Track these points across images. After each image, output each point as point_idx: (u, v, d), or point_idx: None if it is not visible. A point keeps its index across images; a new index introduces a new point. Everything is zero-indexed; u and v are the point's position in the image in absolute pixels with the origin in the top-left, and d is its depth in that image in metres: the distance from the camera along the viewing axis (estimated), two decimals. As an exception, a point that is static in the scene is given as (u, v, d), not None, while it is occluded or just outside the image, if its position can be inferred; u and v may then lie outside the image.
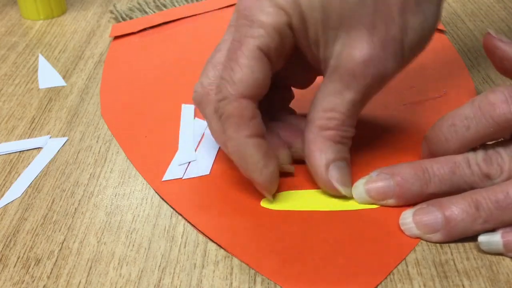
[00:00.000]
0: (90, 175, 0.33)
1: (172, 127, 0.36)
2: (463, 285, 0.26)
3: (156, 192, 0.32)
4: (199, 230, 0.29)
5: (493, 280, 0.26)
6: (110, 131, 0.37)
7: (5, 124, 0.38)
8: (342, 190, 0.29)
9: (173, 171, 0.33)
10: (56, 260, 0.28)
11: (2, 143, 0.36)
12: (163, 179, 0.32)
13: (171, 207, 0.30)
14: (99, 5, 0.55)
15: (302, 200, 0.30)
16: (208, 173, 0.32)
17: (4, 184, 0.33)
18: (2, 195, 0.32)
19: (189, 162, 0.33)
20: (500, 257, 0.27)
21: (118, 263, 0.27)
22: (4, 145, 0.36)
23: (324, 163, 0.29)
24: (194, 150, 0.34)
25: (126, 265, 0.27)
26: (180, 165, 0.33)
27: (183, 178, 0.32)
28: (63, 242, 0.29)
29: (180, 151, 0.34)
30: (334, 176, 0.29)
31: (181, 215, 0.30)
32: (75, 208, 0.31)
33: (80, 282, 0.26)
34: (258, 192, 0.30)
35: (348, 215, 0.29)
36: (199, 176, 0.32)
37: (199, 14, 0.52)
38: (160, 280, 0.26)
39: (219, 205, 0.30)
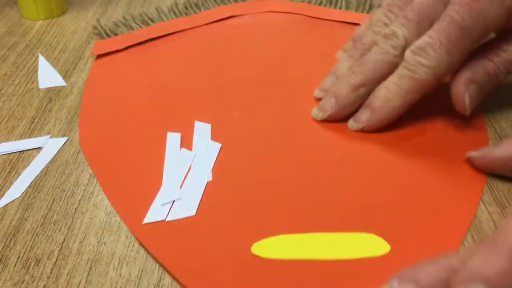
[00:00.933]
0: (90, 175, 0.33)
1: (156, 158, 0.33)
2: (463, 285, 0.26)
3: (136, 238, 0.29)
4: (183, 285, 0.26)
5: (493, 280, 0.26)
6: (88, 163, 0.34)
7: (5, 124, 0.38)
8: (468, 107, 0.33)
9: (155, 212, 0.30)
10: (56, 260, 0.28)
11: (2, 143, 0.36)
12: (144, 222, 0.29)
13: (152, 256, 0.28)
14: (99, 5, 0.55)
15: (298, 246, 0.27)
16: (194, 214, 0.29)
17: (4, 184, 0.33)
18: (2, 195, 0.32)
19: (173, 201, 0.30)
20: (500, 257, 0.27)
21: (118, 263, 0.27)
22: (4, 145, 0.36)
23: (465, 77, 0.32)
24: (179, 187, 0.31)
25: (126, 265, 0.27)
26: (163, 204, 0.30)
27: (166, 220, 0.29)
28: (63, 242, 0.29)
29: (163, 187, 0.31)
30: (471, 93, 0.32)
31: (163, 267, 0.27)
32: (75, 208, 0.31)
33: (80, 282, 0.26)
34: (248, 238, 0.28)
35: (347, 266, 0.26)
36: (183, 218, 0.29)
37: (189, 29, 0.48)
38: (160, 280, 0.26)
39: (205, 252, 0.27)
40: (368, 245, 0.27)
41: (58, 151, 0.35)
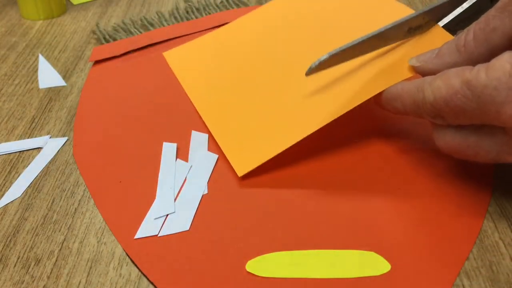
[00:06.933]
0: (90, 175, 0.33)
1: (150, 169, 0.32)
2: (463, 285, 0.26)
3: (126, 253, 0.28)
4: None
5: (493, 280, 0.26)
6: (81, 174, 0.33)
7: (5, 124, 0.38)
8: None
9: (147, 227, 0.29)
10: (56, 260, 0.28)
11: (2, 143, 0.36)
12: (136, 237, 0.28)
13: (143, 274, 0.27)
14: (99, 5, 0.55)
15: (295, 264, 0.26)
16: (188, 229, 0.29)
17: (4, 184, 0.33)
18: (2, 195, 0.32)
19: (167, 215, 0.29)
20: (500, 257, 0.27)
21: (118, 263, 0.27)
22: (4, 145, 0.36)
23: None
24: (174, 200, 0.30)
25: (126, 265, 0.27)
26: (156, 218, 0.29)
27: (158, 235, 0.28)
28: (63, 242, 0.29)
29: (157, 200, 0.30)
30: None
31: (154, 285, 0.26)
32: (75, 208, 0.31)
33: (80, 282, 0.26)
34: (243, 254, 0.27)
35: (345, 285, 0.25)
36: (177, 233, 0.28)
37: (189, 34, 0.47)
38: (160, 280, 0.26)
39: (198, 270, 0.26)
40: (367, 264, 0.26)
41: (58, 151, 0.35)
